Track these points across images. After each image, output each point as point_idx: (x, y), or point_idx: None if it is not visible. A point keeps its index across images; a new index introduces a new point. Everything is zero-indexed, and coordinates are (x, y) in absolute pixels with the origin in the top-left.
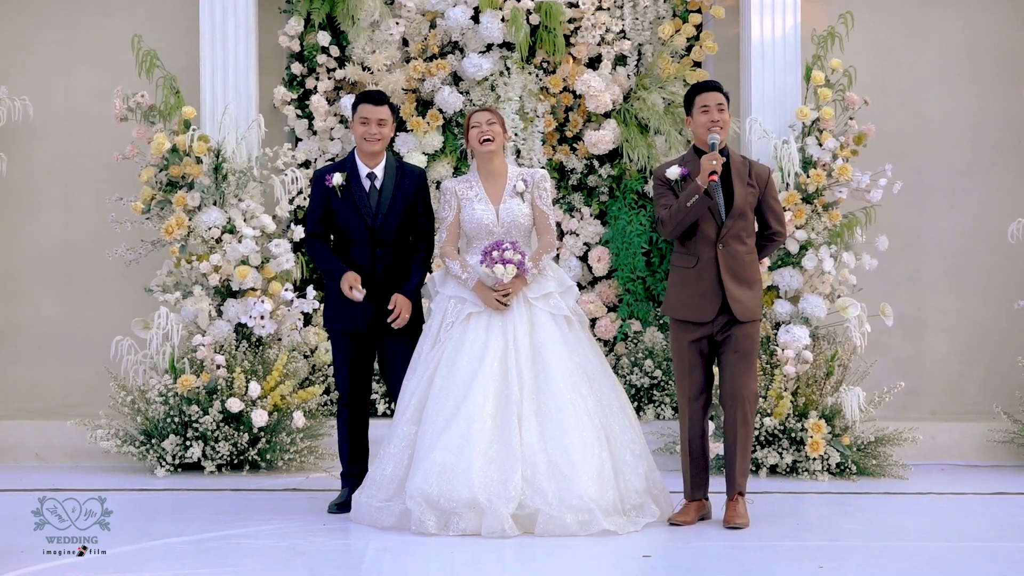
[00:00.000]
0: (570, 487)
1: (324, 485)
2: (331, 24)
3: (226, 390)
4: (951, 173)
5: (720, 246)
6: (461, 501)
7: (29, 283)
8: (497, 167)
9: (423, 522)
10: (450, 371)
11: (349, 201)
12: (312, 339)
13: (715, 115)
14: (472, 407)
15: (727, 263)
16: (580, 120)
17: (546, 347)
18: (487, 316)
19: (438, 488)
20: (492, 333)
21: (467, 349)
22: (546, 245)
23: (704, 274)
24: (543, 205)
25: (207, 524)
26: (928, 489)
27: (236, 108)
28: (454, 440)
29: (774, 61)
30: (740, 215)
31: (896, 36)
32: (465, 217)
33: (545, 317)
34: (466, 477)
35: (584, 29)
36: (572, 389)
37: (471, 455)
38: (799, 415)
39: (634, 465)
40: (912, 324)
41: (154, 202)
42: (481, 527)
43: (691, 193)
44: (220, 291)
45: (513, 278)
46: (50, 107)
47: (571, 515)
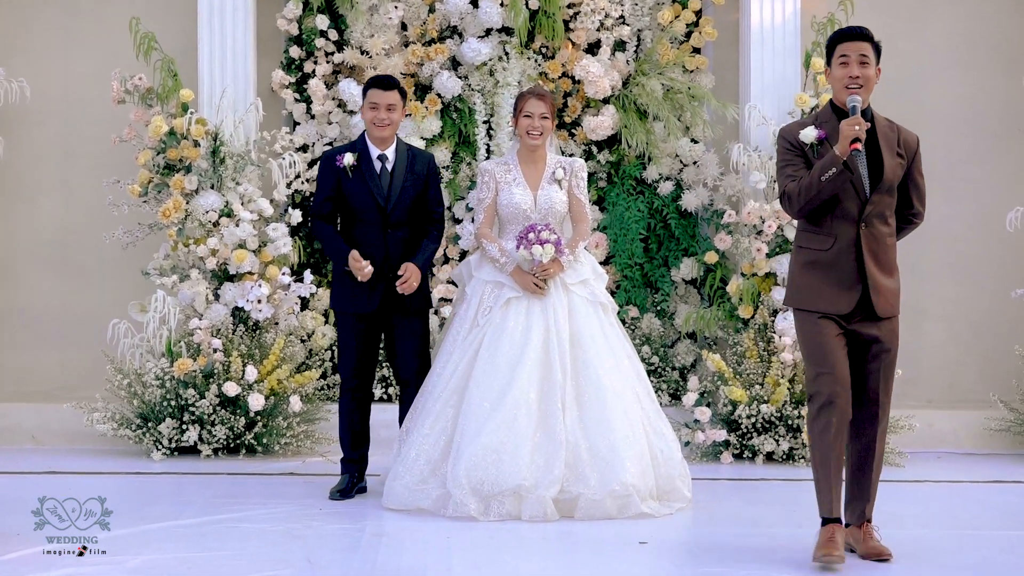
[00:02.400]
0: (613, 473)
1: (321, 469)
2: (330, 7)
3: (223, 374)
4: (949, 161)
5: (863, 226)
6: (507, 486)
7: (26, 266)
8: (539, 154)
9: (464, 505)
10: (493, 356)
11: (361, 182)
12: (309, 323)
13: (855, 69)
14: (518, 392)
15: (870, 247)
16: (579, 106)
17: (584, 333)
18: (527, 301)
19: (483, 473)
20: (533, 318)
21: (508, 334)
22: (582, 232)
23: (842, 259)
24: (580, 194)
25: (204, 508)
26: (925, 477)
27: (234, 91)
28: (502, 425)
29: (774, 48)
30: (888, 190)
31: (895, 24)
32: (503, 201)
33: (582, 303)
34: (514, 463)
35: (583, 14)
36: (610, 375)
37: (519, 441)
38: (796, 402)
39: (667, 451)
40: (910, 312)
41: (151, 185)
42: (522, 511)
43: (828, 164)
44: (217, 275)
45: (551, 261)
46: (48, 89)
47: (611, 500)
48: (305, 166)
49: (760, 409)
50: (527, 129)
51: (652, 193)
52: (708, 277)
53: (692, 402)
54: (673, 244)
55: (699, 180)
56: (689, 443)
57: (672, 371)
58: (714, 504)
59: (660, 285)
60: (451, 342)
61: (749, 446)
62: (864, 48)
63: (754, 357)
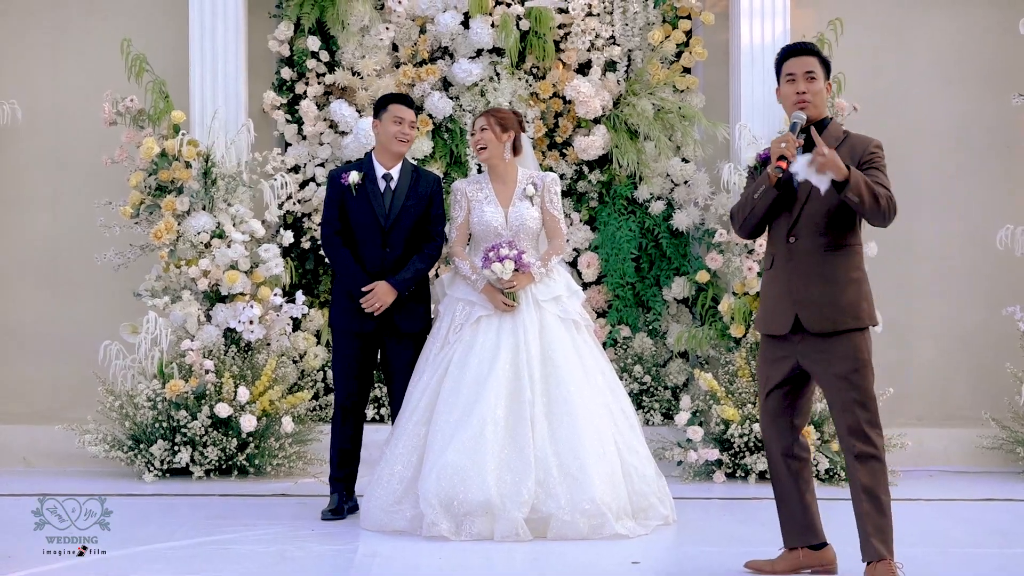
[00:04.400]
0: (582, 491)
1: (313, 490)
2: (321, 29)
3: (215, 395)
4: (939, 179)
5: (791, 239)
6: (475, 503)
7: (16, 286)
8: (505, 170)
9: (436, 525)
10: (461, 373)
11: (364, 200)
12: (301, 344)
13: (802, 85)
14: (484, 409)
15: (799, 261)
16: (570, 126)
17: (556, 350)
18: (497, 319)
19: (451, 490)
20: (503, 335)
21: (478, 351)
22: (555, 247)
23: (778, 276)
24: (553, 209)
25: (195, 529)
26: (916, 495)
27: (225, 112)
28: (467, 442)
29: (763, 67)
30: (819, 201)
31: (884, 41)
32: (474, 219)
33: (554, 320)
34: (480, 479)
35: (574, 35)
36: (581, 392)
37: (484, 457)
38: None
39: (641, 468)
40: (900, 330)
41: (143, 206)
42: (494, 531)
43: (759, 183)
44: (209, 296)
45: (515, 273)
46: (38, 109)
47: (583, 519)
48: (296, 187)
49: (753, 428)
50: (473, 145)
51: (643, 213)
52: (700, 296)
53: (684, 421)
54: (664, 263)
55: (690, 199)
56: (682, 462)
57: (664, 390)
58: (706, 523)
59: (652, 304)
60: (423, 361)
61: (742, 465)
62: (810, 63)
63: (746, 376)
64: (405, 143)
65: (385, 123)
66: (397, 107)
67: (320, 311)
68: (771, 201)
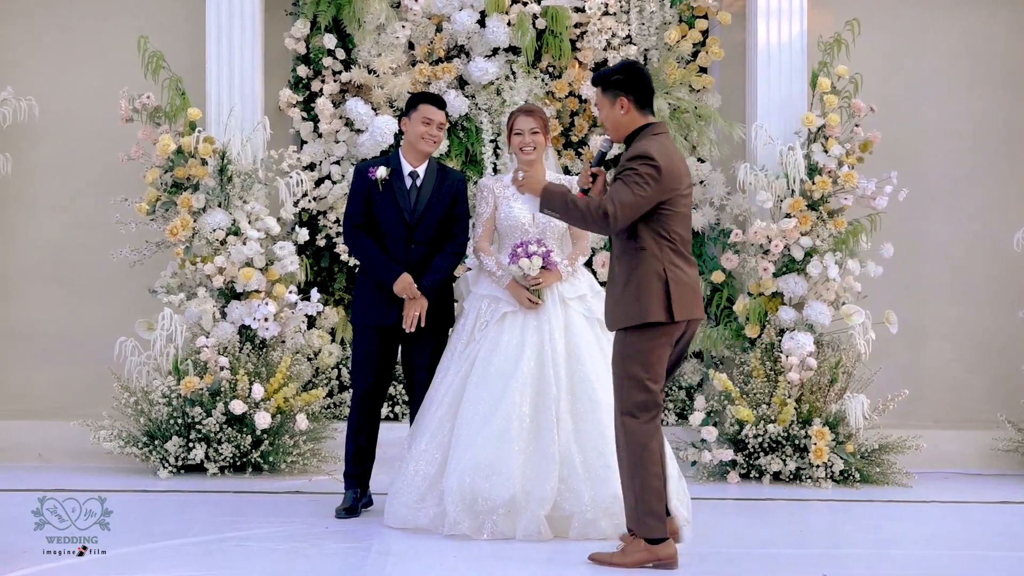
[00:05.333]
0: (607, 489)
1: (327, 488)
2: (337, 27)
3: (229, 392)
4: (955, 180)
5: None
6: (499, 501)
7: (33, 283)
8: (536, 170)
9: (458, 524)
10: (486, 370)
11: (390, 196)
12: (316, 342)
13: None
14: (510, 405)
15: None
16: (585, 125)
17: (581, 347)
18: (522, 316)
19: (475, 487)
20: (528, 332)
21: (503, 348)
22: (582, 249)
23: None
24: None
25: (209, 526)
26: (932, 497)
27: (241, 110)
28: (492, 439)
29: (780, 67)
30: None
31: (900, 43)
32: (501, 215)
33: (579, 318)
34: (505, 476)
35: (590, 34)
36: (606, 390)
37: (510, 453)
38: (803, 422)
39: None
40: (915, 331)
41: (159, 203)
42: (516, 530)
43: None
44: (224, 293)
45: (542, 271)
46: (54, 107)
47: (606, 519)
48: (312, 184)
49: (767, 429)
50: (520, 146)
51: None
52: (715, 296)
53: (699, 422)
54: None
55: (705, 199)
56: (696, 463)
57: (679, 390)
58: (720, 524)
59: None
60: (448, 357)
61: (756, 466)
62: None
63: (761, 377)
64: (431, 144)
65: (414, 122)
66: (427, 107)
67: (335, 309)
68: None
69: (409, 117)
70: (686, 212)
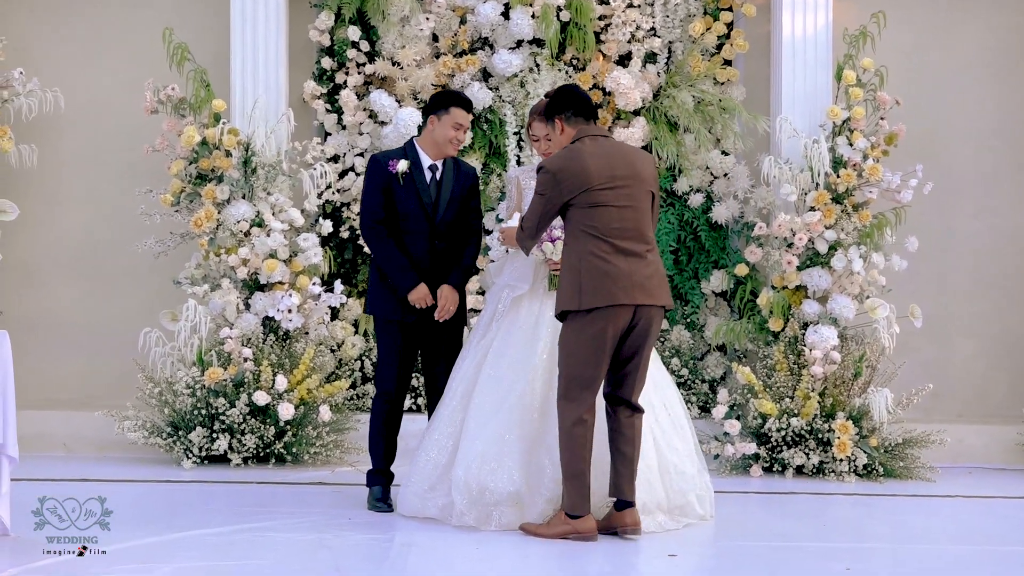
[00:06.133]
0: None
1: (350, 479)
2: (361, 19)
3: (253, 383)
4: (980, 174)
5: None
6: (504, 494)
7: (57, 273)
8: None
9: (464, 515)
10: (499, 360)
11: (411, 190)
12: (339, 333)
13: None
14: (518, 396)
15: None
16: (609, 117)
17: None
18: (539, 303)
19: (482, 479)
20: (542, 324)
21: (517, 338)
22: None
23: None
24: None
25: (233, 517)
26: (955, 492)
27: (266, 102)
28: (500, 431)
29: (805, 60)
30: None
31: (926, 36)
32: (525, 205)
33: None
34: (509, 468)
35: (614, 26)
36: None
37: (515, 446)
38: (826, 416)
39: (680, 465)
40: (940, 326)
41: (183, 195)
42: (522, 521)
43: None
44: (248, 284)
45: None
46: (79, 98)
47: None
48: (336, 176)
49: (790, 422)
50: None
51: (682, 205)
52: (738, 290)
53: (722, 415)
54: (703, 256)
55: (730, 192)
56: (718, 456)
57: (702, 384)
58: (743, 517)
59: (690, 297)
60: (466, 347)
61: (779, 459)
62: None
63: (784, 370)
64: (457, 147)
65: (444, 124)
66: (460, 112)
67: (358, 300)
68: None
69: (439, 117)
70: (611, 204)
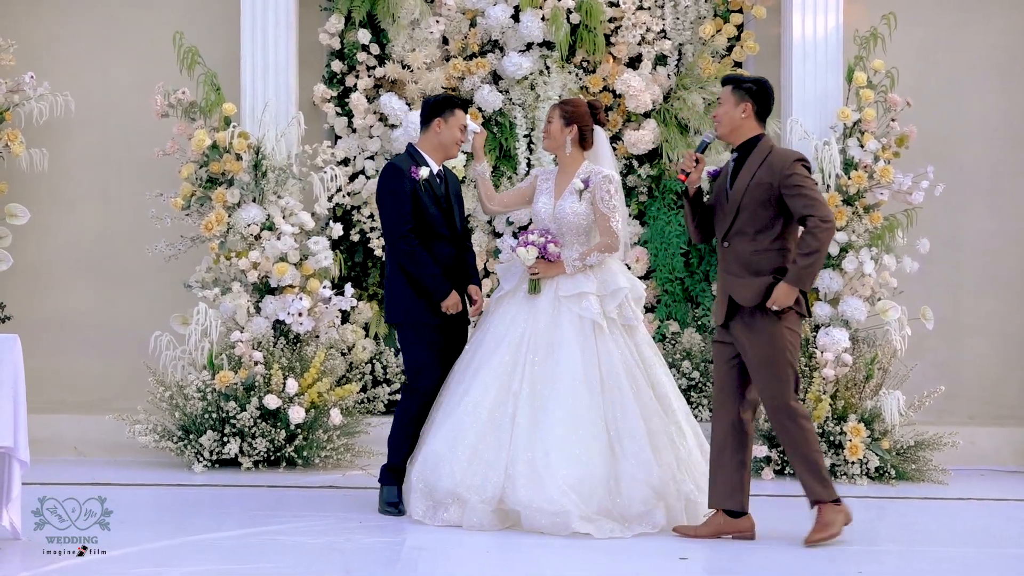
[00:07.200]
0: (542, 489)
1: (361, 483)
2: (371, 22)
3: (264, 387)
4: (992, 175)
5: (725, 244)
6: (444, 491)
7: (68, 277)
8: (566, 163)
9: (415, 509)
10: (465, 362)
11: (432, 196)
12: (349, 336)
13: (717, 108)
14: (472, 399)
15: (731, 262)
16: (620, 120)
17: (562, 347)
18: (514, 308)
19: (429, 477)
20: (514, 325)
21: (487, 341)
22: (599, 245)
23: (719, 275)
24: (603, 207)
25: (244, 520)
26: (968, 494)
27: (276, 105)
28: (450, 431)
29: (815, 61)
30: (740, 210)
31: (937, 36)
32: (532, 207)
33: (570, 317)
34: (450, 469)
35: (624, 28)
36: (575, 394)
37: (460, 448)
38: (838, 418)
39: (641, 476)
40: (952, 327)
41: (194, 198)
42: (463, 519)
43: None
44: (259, 288)
45: (541, 261)
46: (90, 102)
47: (543, 516)
48: (346, 180)
49: None
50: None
51: None
52: None
53: None
54: (714, 259)
55: None
56: None
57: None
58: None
59: (701, 300)
60: None
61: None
62: (723, 92)
63: None
64: (458, 151)
65: (452, 126)
66: (462, 114)
67: (369, 303)
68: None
69: (446, 120)
70: None
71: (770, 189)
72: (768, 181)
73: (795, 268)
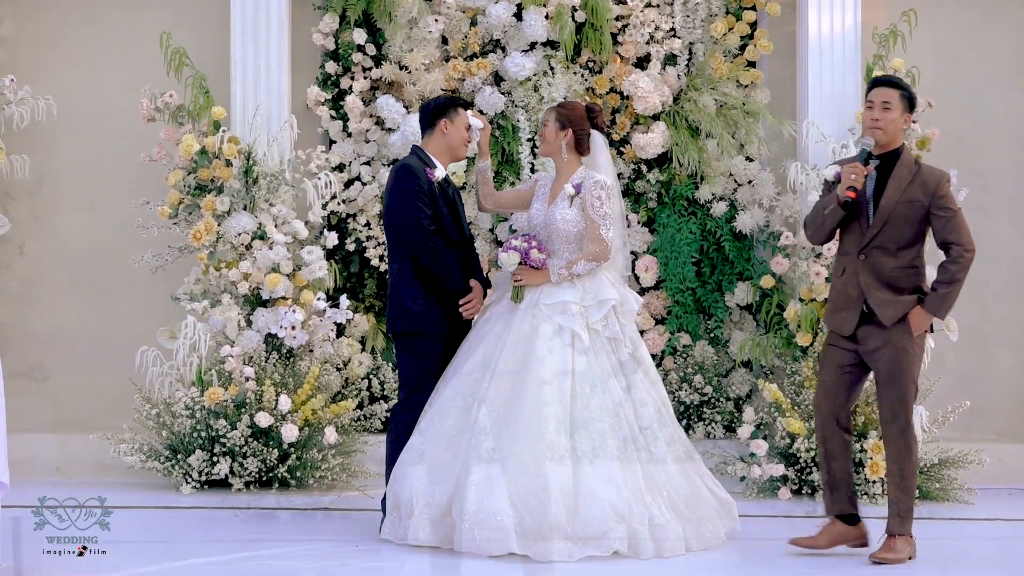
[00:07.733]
0: (488, 502)
1: (357, 505)
2: (367, 21)
3: (255, 404)
4: (1017, 178)
5: (862, 256)
6: (403, 501)
7: (52, 289)
8: (562, 168)
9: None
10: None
11: (444, 199)
12: (345, 351)
13: (876, 113)
14: (437, 409)
15: (868, 275)
16: (627, 122)
17: (532, 358)
18: (496, 315)
19: (395, 491)
20: (490, 335)
21: (464, 349)
22: (588, 254)
23: (848, 285)
24: (593, 214)
25: (234, 544)
26: (995, 515)
27: (268, 108)
28: (416, 442)
29: (832, 61)
30: (885, 225)
31: (958, 36)
32: (528, 212)
33: (547, 326)
34: (406, 479)
35: (632, 27)
36: (539, 407)
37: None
38: (858, 435)
39: (603, 494)
40: (977, 339)
41: (182, 206)
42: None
43: (829, 201)
44: (250, 300)
45: (524, 268)
46: (74, 106)
47: (481, 531)
48: (341, 186)
49: None
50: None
51: (705, 214)
52: (764, 302)
53: (748, 435)
54: (727, 268)
55: (754, 200)
56: (745, 478)
57: (726, 402)
58: (770, 542)
59: (714, 311)
60: None
61: (808, 481)
62: (888, 95)
63: (812, 387)
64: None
65: (457, 127)
66: (466, 114)
67: (365, 316)
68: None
69: (451, 120)
70: None
71: (921, 208)
72: (920, 200)
73: (936, 296)
